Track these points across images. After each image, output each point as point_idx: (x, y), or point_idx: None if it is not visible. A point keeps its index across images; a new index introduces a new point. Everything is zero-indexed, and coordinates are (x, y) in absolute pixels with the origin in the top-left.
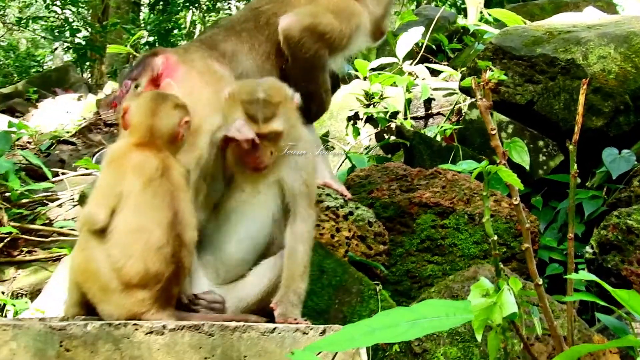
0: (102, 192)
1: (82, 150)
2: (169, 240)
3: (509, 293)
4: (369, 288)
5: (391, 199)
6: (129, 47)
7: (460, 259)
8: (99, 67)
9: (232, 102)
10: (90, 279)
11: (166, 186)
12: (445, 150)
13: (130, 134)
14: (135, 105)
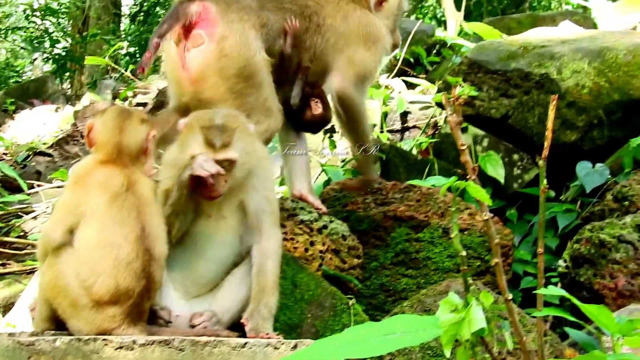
0: (61, 211)
1: (59, 162)
2: (138, 255)
3: (477, 308)
4: (342, 302)
5: (366, 213)
6: (107, 59)
7: (434, 273)
8: (79, 78)
9: (190, 130)
10: (60, 295)
11: (132, 201)
12: (420, 164)
13: (96, 151)
14: (100, 123)
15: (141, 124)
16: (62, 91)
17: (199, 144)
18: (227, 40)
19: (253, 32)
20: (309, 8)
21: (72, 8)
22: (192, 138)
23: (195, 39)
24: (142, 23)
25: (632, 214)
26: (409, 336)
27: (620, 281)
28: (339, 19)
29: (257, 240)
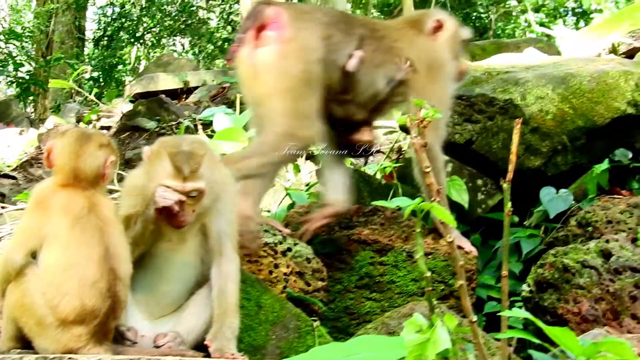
0: (22, 234)
1: (23, 184)
2: (102, 275)
3: (442, 329)
4: (306, 324)
5: (330, 236)
6: (71, 82)
7: (398, 296)
8: (42, 101)
9: (157, 157)
10: (25, 313)
11: (94, 222)
12: (385, 188)
13: (55, 173)
14: (59, 146)
15: (99, 149)
16: (26, 114)
17: (166, 171)
18: (292, 44)
19: (317, 42)
20: (378, 32)
21: (35, 32)
22: (158, 165)
23: (264, 39)
24: (105, 47)
25: (595, 239)
26: (374, 357)
27: (584, 306)
28: (407, 43)
29: (218, 263)
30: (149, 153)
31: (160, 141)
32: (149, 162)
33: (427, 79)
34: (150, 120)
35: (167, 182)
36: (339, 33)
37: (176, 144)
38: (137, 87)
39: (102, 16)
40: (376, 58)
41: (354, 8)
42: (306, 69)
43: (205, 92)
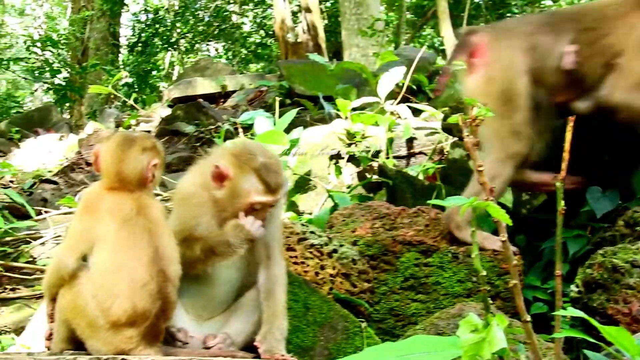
0: (73, 237)
1: (64, 189)
2: (152, 277)
3: (498, 328)
4: (354, 325)
5: (375, 237)
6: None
7: (444, 297)
8: (79, 107)
9: (240, 172)
10: (78, 315)
11: (143, 224)
12: (427, 189)
13: (102, 177)
14: (104, 150)
15: (141, 153)
16: (66, 120)
17: (254, 188)
18: (493, 66)
19: (520, 57)
20: (590, 18)
21: (71, 39)
22: (245, 182)
23: (472, 67)
24: (140, 53)
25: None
26: (427, 357)
27: (634, 306)
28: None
29: (266, 267)
30: (225, 169)
31: (233, 154)
32: (232, 179)
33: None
34: (189, 125)
35: (257, 198)
36: (546, 37)
37: (252, 155)
38: (175, 91)
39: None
40: (594, 46)
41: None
42: (508, 88)
43: (243, 95)
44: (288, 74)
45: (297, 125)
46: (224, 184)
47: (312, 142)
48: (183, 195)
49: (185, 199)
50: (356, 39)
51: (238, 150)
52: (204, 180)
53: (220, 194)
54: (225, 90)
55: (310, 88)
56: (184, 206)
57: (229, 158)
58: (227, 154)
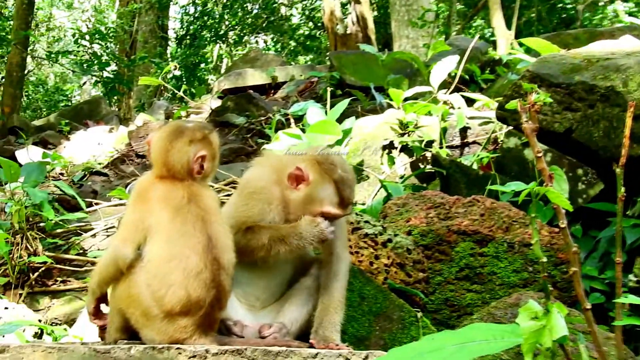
0: (127, 227)
1: (114, 181)
2: (206, 265)
3: (559, 315)
4: (409, 315)
5: (429, 227)
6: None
7: (499, 288)
8: (127, 100)
9: (319, 180)
10: (132, 305)
11: (196, 212)
12: (482, 179)
13: (153, 166)
14: (154, 140)
15: (188, 145)
16: (115, 112)
17: (330, 199)
18: None
19: None
20: None
21: (119, 32)
22: (322, 191)
23: None
24: (188, 46)
25: None
26: (487, 344)
27: None
28: None
29: (328, 262)
30: (306, 173)
31: (315, 160)
32: (309, 184)
33: None
34: (239, 116)
35: (330, 209)
36: None
37: (333, 166)
38: (225, 83)
39: (185, 15)
40: None
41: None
42: None
43: (294, 87)
44: (339, 64)
45: (348, 116)
46: (299, 186)
47: (365, 133)
48: (252, 188)
49: (255, 192)
50: (406, 30)
51: (321, 158)
52: (277, 177)
53: (293, 194)
54: (276, 82)
55: (362, 78)
56: (251, 199)
57: (311, 163)
58: (309, 158)
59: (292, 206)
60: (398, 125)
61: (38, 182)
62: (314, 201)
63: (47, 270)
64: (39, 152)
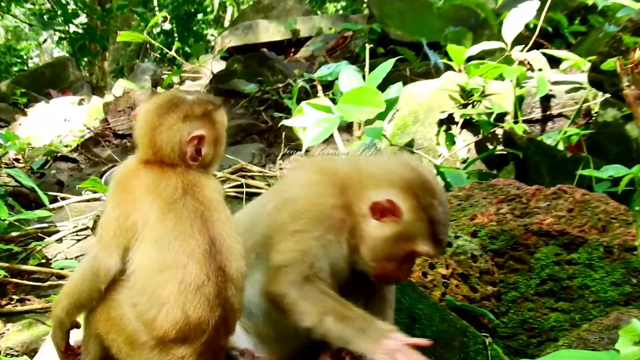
0: (108, 229)
1: (86, 169)
2: (209, 276)
3: None
4: (475, 341)
5: (501, 226)
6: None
7: (593, 306)
8: (101, 63)
9: (414, 214)
10: (113, 329)
11: (193, 206)
12: (570, 163)
13: (137, 148)
14: (140, 115)
15: (182, 121)
16: (86, 79)
17: (425, 240)
18: None
19: None
20: None
21: None
22: (415, 226)
23: None
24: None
25: None
26: None
27: None
28: None
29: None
30: (398, 208)
31: (410, 189)
32: (401, 221)
33: None
34: (249, 83)
35: (422, 250)
36: None
37: (432, 199)
38: (230, 39)
39: None
40: None
41: None
42: None
43: (321, 43)
44: (381, 14)
45: (394, 81)
46: (384, 218)
47: (415, 103)
48: (313, 212)
49: (317, 218)
50: None
51: (417, 185)
52: (345, 200)
53: (373, 227)
54: (297, 37)
55: (411, 32)
56: (312, 228)
57: (404, 192)
58: (400, 184)
59: (368, 241)
60: (459, 93)
61: None
62: (402, 240)
63: (0, 286)
64: None
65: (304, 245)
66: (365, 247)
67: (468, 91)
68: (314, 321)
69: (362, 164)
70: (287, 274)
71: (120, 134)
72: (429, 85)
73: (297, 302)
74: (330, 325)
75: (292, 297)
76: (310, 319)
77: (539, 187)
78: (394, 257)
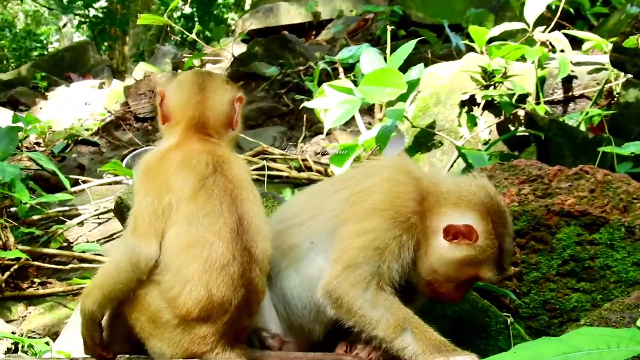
0: (143, 217)
1: (107, 152)
2: (235, 256)
3: None
4: (496, 321)
5: (523, 207)
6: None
7: (614, 286)
8: (121, 47)
9: (486, 239)
10: (136, 308)
11: (223, 184)
12: (592, 144)
13: (171, 126)
14: (173, 89)
15: (226, 84)
16: (106, 62)
17: (491, 266)
18: None
19: None
20: None
21: None
22: (485, 253)
23: None
24: None
25: None
26: (598, 355)
27: None
28: None
29: None
30: (475, 234)
31: (487, 213)
32: (474, 245)
33: None
34: (270, 65)
35: (487, 276)
36: None
37: (504, 222)
38: (251, 21)
39: None
40: None
41: None
42: None
43: (342, 26)
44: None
45: (415, 63)
46: (456, 240)
47: (437, 85)
48: (394, 212)
49: (395, 218)
50: None
51: (494, 213)
52: (423, 210)
53: (444, 246)
54: (319, 20)
55: (432, 14)
56: (387, 223)
57: (481, 218)
58: (479, 208)
59: (433, 259)
60: (481, 74)
61: (7, 154)
62: (469, 264)
63: (22, 269)
64: (7, 115)
65: (379, 243)
66: (428, 263)
67: (490, 72)
68: (389, 332)
69: (441, 178)
70: (356, 274)
71: (141, 117)
72: (451, 66)
73: (368, 309)
74: (410, 340)
75: (360, 302)
76: (385, 330)
77: (560, 168)
78: (455, 279)
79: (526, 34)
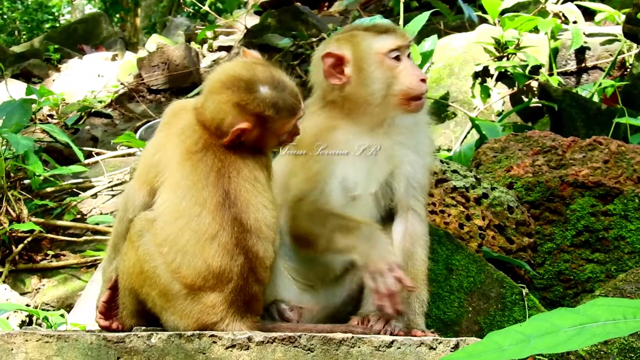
0: (142, 163)
1: (120, 124)
2: (223, 226)
3: None
4: (512, 292)
5: (537, 178)
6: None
7: (628, 257)
8: (133, 19)
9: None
10: (147, 282)
11: (211, 161)
12: (605, 115)
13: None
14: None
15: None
16: (119, 34)
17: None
18: None
19: None
20: None
21: None
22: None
23: None
24: None
25: None
26: (615, 326)
27: None
28: None
29: (404, 219)
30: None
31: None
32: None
33: None
34: (283, 37)
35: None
36: None
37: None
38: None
39: None
40: None
41: None
42: None
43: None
44: None
45: (428, 35)
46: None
47: (450, 56)
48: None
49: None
50: None
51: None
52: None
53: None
54: None
55: None
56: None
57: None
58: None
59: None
60: (494, 45)
61: (21, 126)
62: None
63: (35, 242)
64: (20, 88)
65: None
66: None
67: (503, 44)
68: (324, 243)
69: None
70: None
71: (155, 89)
72: (464, 38)
73: (310, 231)
74: (339, 239)
75: (304, 228)
76: (322, 242)
77: (574, 139)
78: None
79: (539, 5)
